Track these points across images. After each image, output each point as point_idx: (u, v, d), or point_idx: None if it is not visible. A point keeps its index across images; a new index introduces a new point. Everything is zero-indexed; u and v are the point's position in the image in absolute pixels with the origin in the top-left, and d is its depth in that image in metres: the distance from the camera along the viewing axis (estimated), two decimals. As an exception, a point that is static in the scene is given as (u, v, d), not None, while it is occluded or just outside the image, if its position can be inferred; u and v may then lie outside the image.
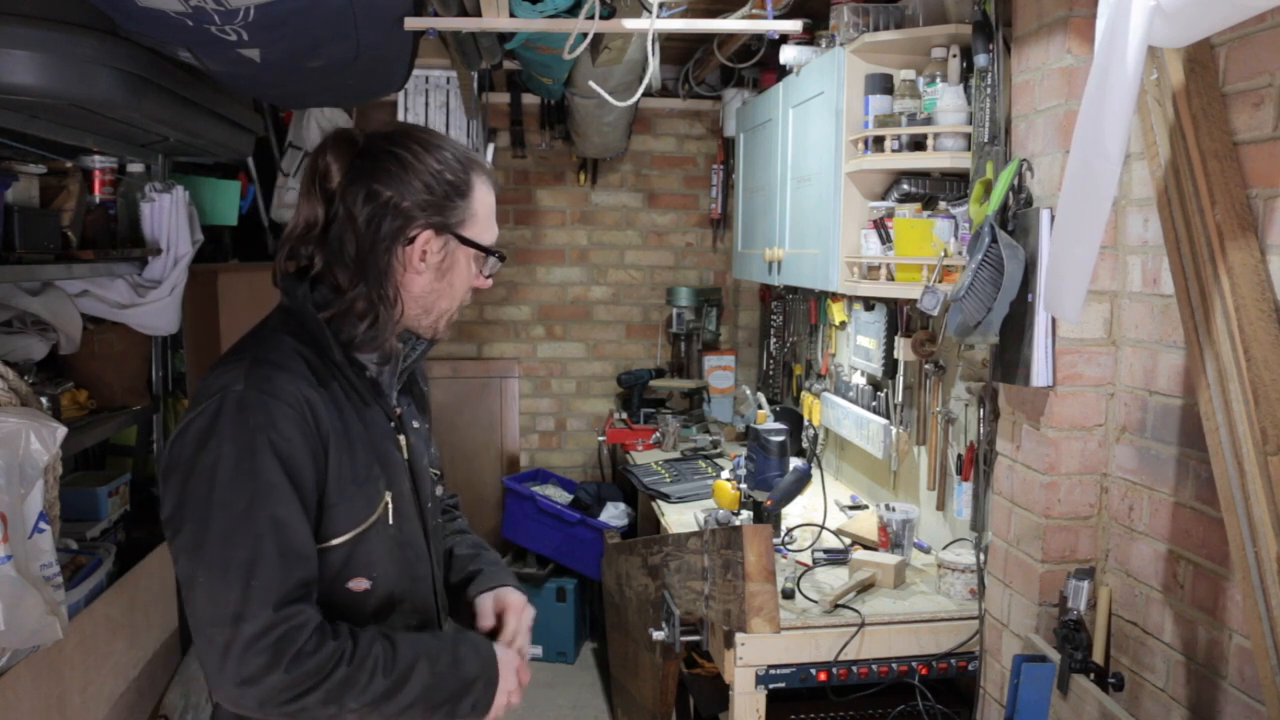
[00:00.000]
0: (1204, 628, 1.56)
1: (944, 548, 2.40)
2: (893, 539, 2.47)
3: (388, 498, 1.32)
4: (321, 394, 1.25)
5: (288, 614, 1.16)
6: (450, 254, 1.33)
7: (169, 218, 2.71)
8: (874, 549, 2.50)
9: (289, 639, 1.15)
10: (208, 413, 1.19)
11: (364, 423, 1.31)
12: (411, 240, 1.29)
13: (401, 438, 1.39)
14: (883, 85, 2.35)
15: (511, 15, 2.22)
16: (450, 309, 1.37)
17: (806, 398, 3.48)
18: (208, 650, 1.16)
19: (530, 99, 4.11)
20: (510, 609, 1.49)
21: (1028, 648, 1.85)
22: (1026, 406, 1.88)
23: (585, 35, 2.26)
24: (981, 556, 2.13)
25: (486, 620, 1.48)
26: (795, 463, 2.58)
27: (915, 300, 2.15)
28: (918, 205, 2.35)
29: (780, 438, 2.58)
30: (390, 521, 1.32)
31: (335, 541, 1.26)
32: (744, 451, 2.91)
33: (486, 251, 1.36)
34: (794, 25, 2.29)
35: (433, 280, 1.33)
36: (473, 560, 1.57)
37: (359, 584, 1.29)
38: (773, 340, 3.93)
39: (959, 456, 2.37)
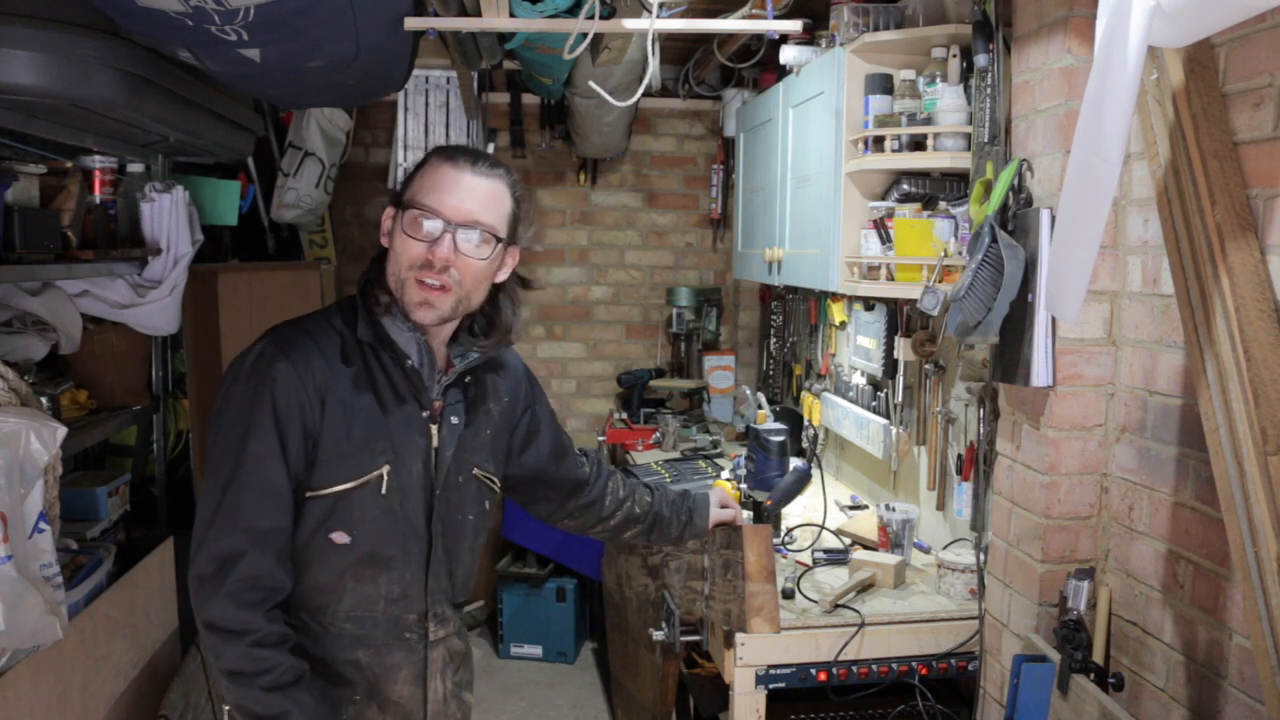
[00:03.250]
0: (1204, 628, 1.56)
1: (944, 548, 2.40)
2: (893, 539, 2.47)
3: (384, 470, 1.47)
4: (339, 367, 1.46)
5: (240, 544, 1.36)
6: (396, 221, 1.48)
7: (169, 218, 2.71)
8: (874, 549, 2.50)
9: (230, 566, 1.36)
10: (240, 356, 1.46)
11: (383, 402, 1.48)
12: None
13: (434, 428, 1.53)
14: (883, 85, 2.34)
15: (511, 15, 2.21)
16: (397, 273, 1.47)
17: (806, 398, 3.48)
18: (192, 543, 1.40)
19: (530, 99, 4.11)
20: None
21: (1028, 648, 1.85)
22: (1026, 406, 1.88)
23: (585, 35, 2.26)
24: (981, 556, 2.13)
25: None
26: (795, 463, 2.57)
27: (915, 300, 2.15)
28: (918, 205, 2.35)
29: (780, 438, 2.57)
30: (383, 491, 1.47)
31: (322, 492, 1.44)
32: (744, 451, 2.91)
33: (398, 205, 1.47)
34: (794, 25, 2.28)
35: (391, 250, 1.48)
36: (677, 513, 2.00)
37: (340, 537, 1.46)
38: (773, 340, 3.93)
39: (959, 456, 2.37)
